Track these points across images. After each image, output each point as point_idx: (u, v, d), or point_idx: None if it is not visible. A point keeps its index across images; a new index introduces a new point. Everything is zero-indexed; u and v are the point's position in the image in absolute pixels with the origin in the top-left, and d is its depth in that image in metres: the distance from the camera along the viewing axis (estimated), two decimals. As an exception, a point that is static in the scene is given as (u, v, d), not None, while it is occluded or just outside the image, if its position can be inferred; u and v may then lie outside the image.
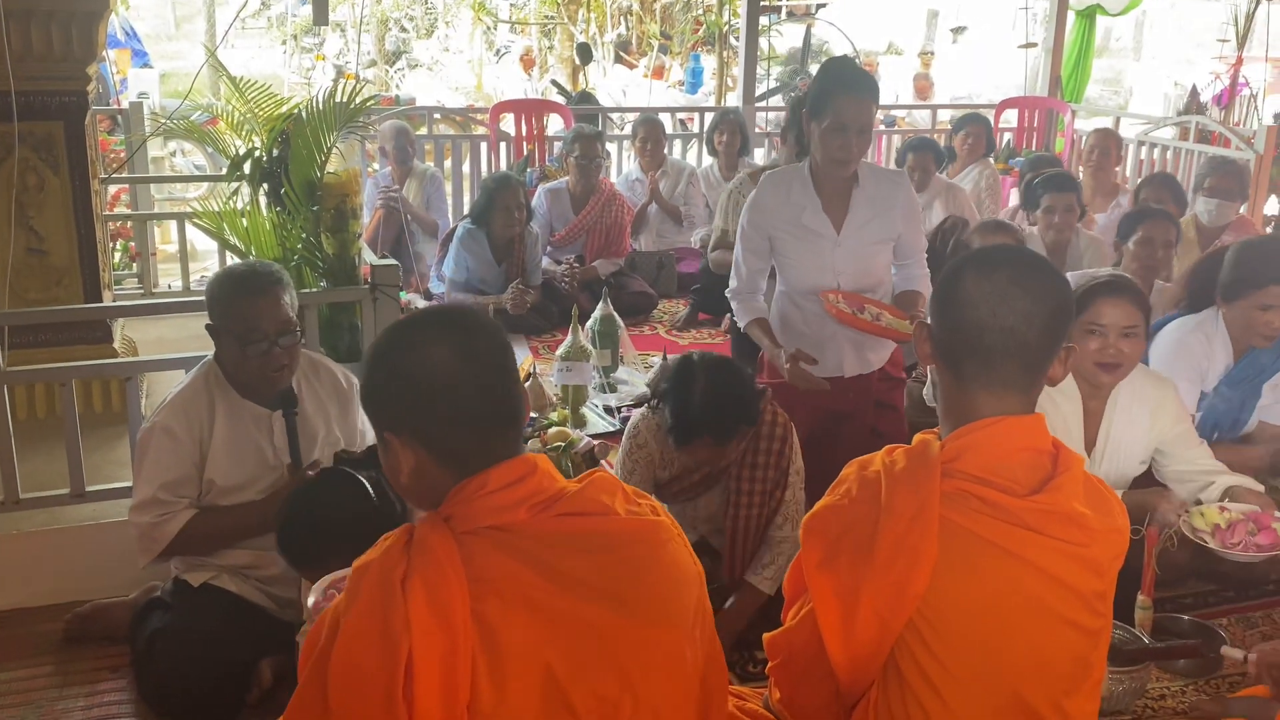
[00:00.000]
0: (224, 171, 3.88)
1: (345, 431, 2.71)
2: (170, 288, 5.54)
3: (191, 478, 2.55)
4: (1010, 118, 7.90)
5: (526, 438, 3.08)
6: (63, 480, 2.96)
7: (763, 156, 6.99)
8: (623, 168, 7.07)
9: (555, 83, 10.97)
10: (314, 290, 3.28)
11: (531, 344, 5.09)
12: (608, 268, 5.62)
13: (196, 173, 8.25)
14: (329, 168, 3.47)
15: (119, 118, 6.83)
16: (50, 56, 3.53)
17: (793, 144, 4.13)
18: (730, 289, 3.29)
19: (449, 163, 7.13)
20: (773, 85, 9.86)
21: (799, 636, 1.69)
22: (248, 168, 3.61)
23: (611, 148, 6.92)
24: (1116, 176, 5.96)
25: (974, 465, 1.57)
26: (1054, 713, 1.58)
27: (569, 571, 1.38)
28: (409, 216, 5.58)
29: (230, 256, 3.87)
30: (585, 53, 11.06)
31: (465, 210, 5.91)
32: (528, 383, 4.04)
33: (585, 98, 8.79)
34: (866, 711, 1.65)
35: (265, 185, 3.60)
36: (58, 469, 3.02)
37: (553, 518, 1.41)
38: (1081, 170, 5.81)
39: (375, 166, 6.25)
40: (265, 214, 3.56)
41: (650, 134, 6.21)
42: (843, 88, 2.98)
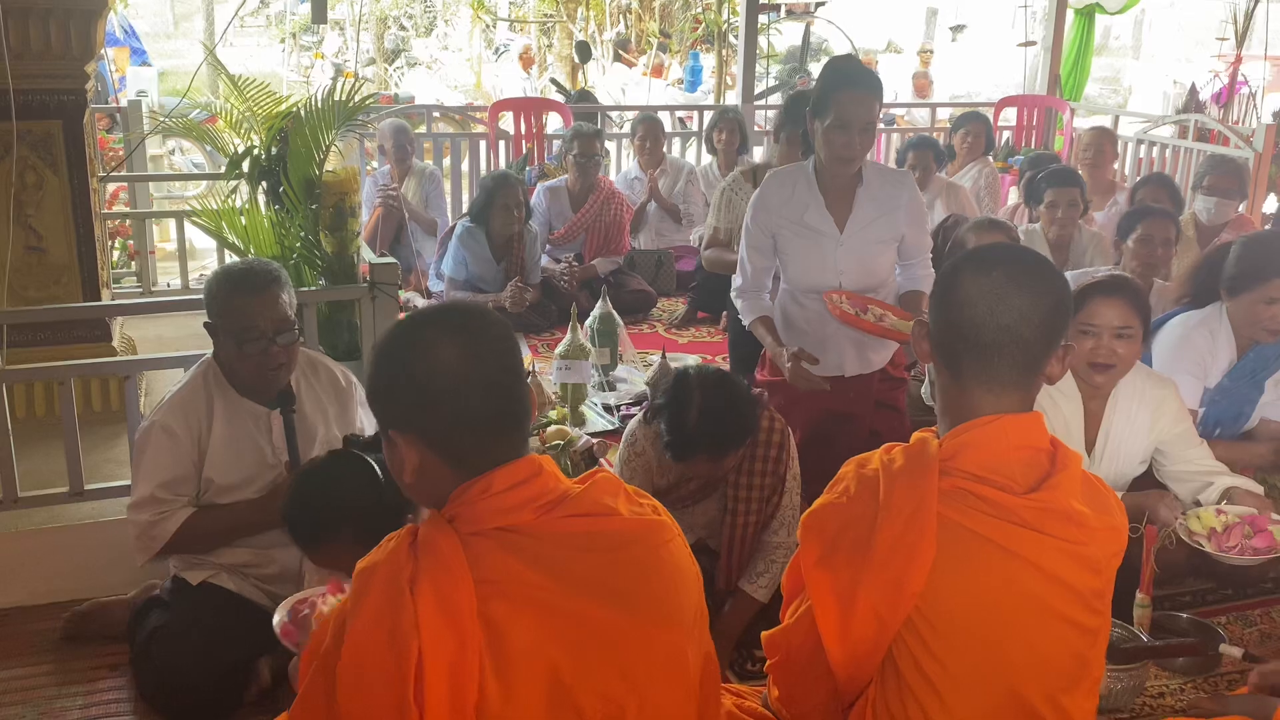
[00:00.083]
0: (223, 170, 3.88)
1: (344, 430, 2.69)
2: (169, 286, 5.53)
3: (190, 476, 2.54)
4: (1009, 116, 7.90)
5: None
6: (61, 479, 2.96)
7: (761, 155, 6.98)
8: (622, 166, 7.07)
9: (554, 81, 10.96)
10: (313, 288, 3.27)
11: (530, 342, 5.08)
12: (607, 266, 5.62)
13: (195, 171, 8.25)
14: (328, 166, 3.46)
15: (117, 116, 6.84)
16: (49, 55, 3.51)
17: (784, 142, 4.12)
18: (736, 286, 3.28)
19: (448, 161, 7.13)
20: (772, 83, 9.85)
21: (797, 634, 1.69)
22: (246, 166, 3.60)
23: (610, 146, 6.93)
24: (1113, 175, 5.96)
25: (972, 463, 1.57)
26: (1052, 711, 1.58)
27: (575, 572, 1.38)
28: (408, 215, 5.58)
29: (229, 255, 3.86)
30: (584, 51, 11.06)
31: (464, 208, 5.91)
32: (527, 380, 4.03)
33: (584, 96, 8.79)
34: (864, 709, 1.65)
35: (264, 183, 3.60)
36: (56, 467, 3.01)
37: (558, 519, 1.40)
38: (1078, 169, 5.81)
39: (374, 165, 6.24)
40: (264, 212, 3.56)
41: (649, 132, 6.21)
42: (845, 84, 2.96)
